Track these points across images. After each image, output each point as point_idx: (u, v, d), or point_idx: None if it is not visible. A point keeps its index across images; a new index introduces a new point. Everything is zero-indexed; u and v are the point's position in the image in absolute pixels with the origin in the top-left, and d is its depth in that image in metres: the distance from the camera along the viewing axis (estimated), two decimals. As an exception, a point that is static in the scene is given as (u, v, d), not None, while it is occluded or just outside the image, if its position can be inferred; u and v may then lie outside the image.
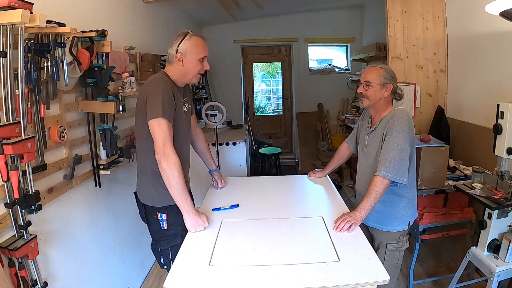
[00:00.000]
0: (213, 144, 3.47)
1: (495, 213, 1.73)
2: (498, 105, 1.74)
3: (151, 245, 1.80)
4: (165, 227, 1.69)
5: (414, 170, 1.80)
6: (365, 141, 1.85)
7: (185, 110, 1.75)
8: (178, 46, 1.61)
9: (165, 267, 1.77)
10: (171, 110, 1.54)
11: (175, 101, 1.59)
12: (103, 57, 1.88)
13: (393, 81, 1.75)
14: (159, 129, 1.48)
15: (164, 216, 1.68)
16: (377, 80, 1.72)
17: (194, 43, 1.62)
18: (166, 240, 1.71)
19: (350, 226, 1.51)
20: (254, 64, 6.15)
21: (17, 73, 1.29)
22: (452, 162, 2.57)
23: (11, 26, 1.25)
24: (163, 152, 1.47)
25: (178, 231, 1.69)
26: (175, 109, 1.59)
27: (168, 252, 1.73)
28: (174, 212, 1.62)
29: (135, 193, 1.80)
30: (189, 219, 1.52)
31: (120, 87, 2.15)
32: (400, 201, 1.77)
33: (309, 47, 5.81)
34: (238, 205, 1.83)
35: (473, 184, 1.95)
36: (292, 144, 6.28)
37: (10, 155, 1.28)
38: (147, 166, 1.66)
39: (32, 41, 1.38)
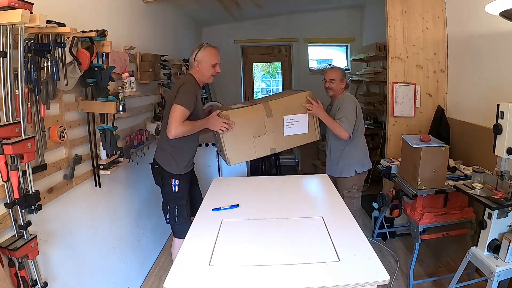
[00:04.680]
0: (213, 144, 3.46)
1: (495, 213, 1.73)
2: (498, 105, 1.74)
3: (162, 203, 2.24)
4: (176, 190, 2.15)
5: (362, 134, 2.62)
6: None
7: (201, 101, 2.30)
8: (195, 56, 2.11)
9: (169, 221, 2.21)
10: (192, 102, 2.02)
11: (197, 96, 2.10)
12: (103, 57, 1.88)
13: (346, 77, 2.66)
14: (174, 112, 1.94)
15: (176, 182, 2.14)
16: (338, 77, 2.59)
17: (207, 53, 2.12)
18: (174, 200, 2.18)
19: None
20: (254, 64, 6.14)
21: (17, 73, 1.29)
22: (452, 162, 2.57)
23: (11, 26, 1.25)
24: (169, 131, 1.95)
25: (184, 195, 2.20)
26: (195, 101, 2.07)
27: (175, 209, 2.18)
28: (184, 180, 2.18)
29: (151, 163, 2.25)
30: (209, 124, 2.11)
31: (120, 87, 2.15)
32: (347, 155, 2.55)
33: (309, 47, 5.81)
34: (238, 205, 1.83)
35: (473, 184, 1.94)
36: (292, 144, 6.26)
37: (10, 155, 1.28)
38: (167, 144, 2.12)
39: (32, 41, 1.38)
